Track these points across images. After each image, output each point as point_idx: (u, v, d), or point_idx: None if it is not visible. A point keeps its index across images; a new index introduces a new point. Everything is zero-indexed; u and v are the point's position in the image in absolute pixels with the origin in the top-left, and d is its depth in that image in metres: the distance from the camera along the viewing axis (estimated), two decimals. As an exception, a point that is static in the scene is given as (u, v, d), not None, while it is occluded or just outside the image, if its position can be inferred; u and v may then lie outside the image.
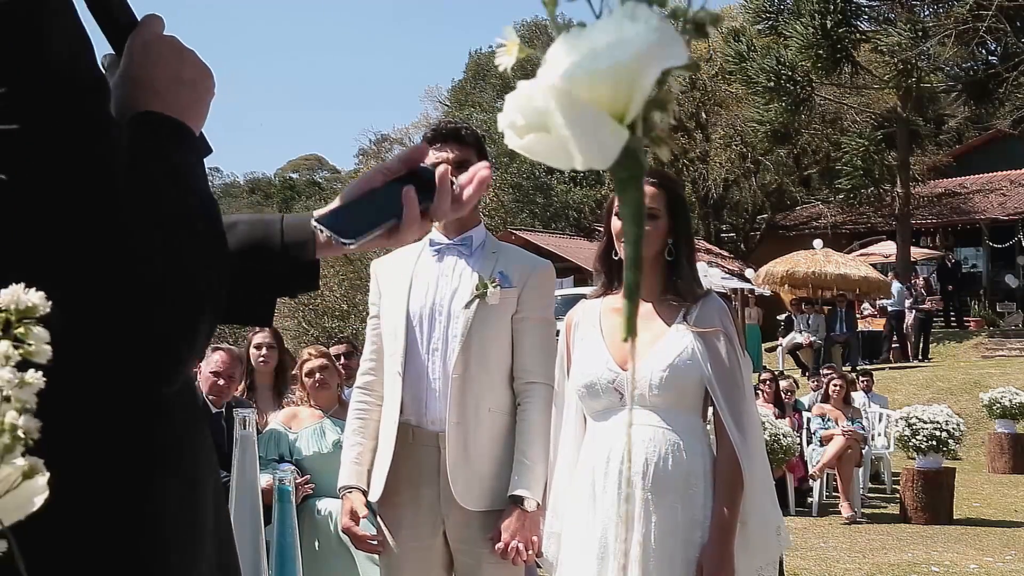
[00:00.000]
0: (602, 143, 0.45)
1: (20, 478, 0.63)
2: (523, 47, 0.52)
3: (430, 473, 2.70)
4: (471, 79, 41.32)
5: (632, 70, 0.44)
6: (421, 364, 2.72)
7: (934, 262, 23.77)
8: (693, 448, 2.42)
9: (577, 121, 0.45)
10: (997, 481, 11.12)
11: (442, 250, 2.79)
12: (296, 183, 63.60)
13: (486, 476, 2.67)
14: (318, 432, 4.58)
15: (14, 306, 0.63)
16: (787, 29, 21.98)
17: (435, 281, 2.75)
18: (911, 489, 8.76)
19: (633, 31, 0.45)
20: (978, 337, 20.32)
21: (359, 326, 28.50)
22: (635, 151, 0.46)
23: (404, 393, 2.72)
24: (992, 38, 21.27)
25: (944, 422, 8.64)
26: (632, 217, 0.48)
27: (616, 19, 0.46)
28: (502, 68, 0.54)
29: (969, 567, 6.68)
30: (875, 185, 23.59)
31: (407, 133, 36.91)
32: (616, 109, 0.45)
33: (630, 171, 0.47)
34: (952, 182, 26.69)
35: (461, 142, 2.73)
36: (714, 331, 2.44)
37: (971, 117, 26.51)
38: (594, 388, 2.47)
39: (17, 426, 0.58)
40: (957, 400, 13.62)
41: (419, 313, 2.73)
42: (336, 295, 32.25)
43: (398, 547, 2.74)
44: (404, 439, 2.71)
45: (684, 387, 2.43)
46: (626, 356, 2.43)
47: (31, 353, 0.64)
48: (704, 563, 2.35)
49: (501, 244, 2.88)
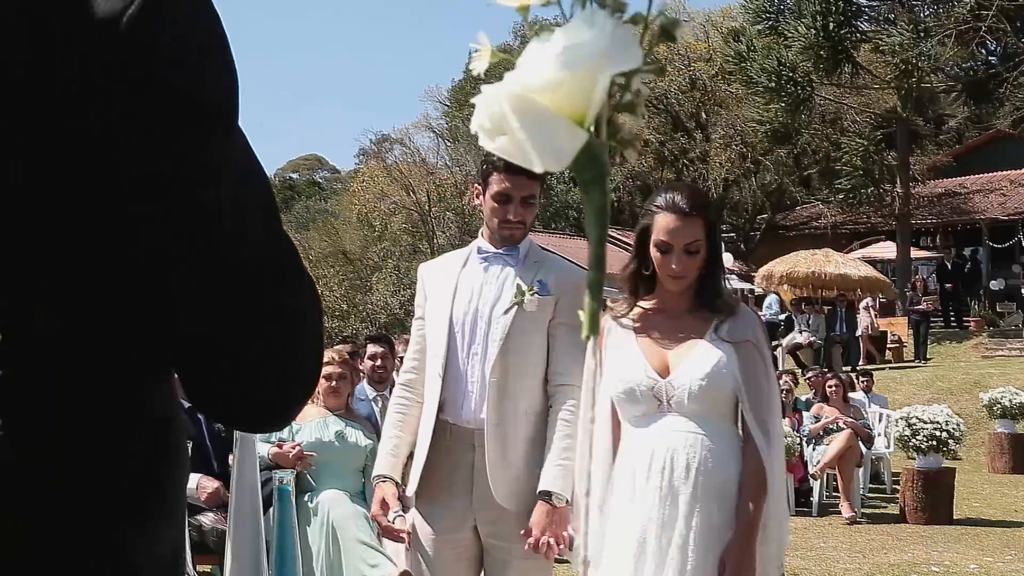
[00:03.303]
0: (557, 146, 0.46)
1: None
2: (496, 52, 0.53)
3: (465, 470, 2.81)
4: (471, 79, 41.30)
5: (586, 74, 0.45)
6: (461, 367, 2.85)
7: (934, 262, 23.77)
8: (727, 454, 2.52)
9: (531, 124, 0.46)
10: (997, 481, 11.13)
11: (489, 258, 2.92)
12: (296, 183, 63.61)
13: (522, 476, 2.78)
14: (321, 424, 4.69)
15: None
16: (788, 29, 21.98)
17: (479, 288, 2.88)
18: (911, 489, 8.77)
19: (587, 36, 0.46)
20: (978, 337, 20.32)
21: (359, 326, 28.48)
22: (597, 153, 0.47)
23: (444, 394, 2.84)
24: (992, 38, 21.29)
25: (944, 422, 8.64)
26: (595, 218, 0.48)
27: (575, 24, 0.47)
28: (476, 72, 0.55)
29: (969, 567, 6.68)
30: (875, 185, 23.61)
31: (407, 133, 36.92)
32: (574, 112, 0.46)
33: (593, 173, 0.47)
34: (952, 182, 26.69)
35: (531, 176, 2.83)
36: (746, 343, 2.54)
37: (971, 117, 26.53)
38: (633, 394, 2.56)
39: None
40: (957, 400, 13.63)
41: (461, 319, 2.87)
42: (336, 295, 32.25)
43: (432, 540, 2.85)
44: (441, 436, 2.83)
45: (719, 396, 2.52)
46: (664, 363, 2.54)
47: None
48: (728, 562, 2.44)
49: (545, 254, 2.99)
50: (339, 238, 34.94)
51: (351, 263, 33.96)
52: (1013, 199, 25.00)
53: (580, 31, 0.46)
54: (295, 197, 56.88)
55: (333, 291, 32.29)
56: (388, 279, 32.31)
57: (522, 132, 0.46)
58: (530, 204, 2.89)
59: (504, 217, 2.87)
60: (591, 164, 0.47)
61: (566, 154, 0.46)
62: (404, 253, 33.06)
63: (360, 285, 32.82)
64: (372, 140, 39.18)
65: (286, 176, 65.65)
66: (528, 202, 2.88)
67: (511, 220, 2.87)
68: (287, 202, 56.42)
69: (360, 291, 32.58)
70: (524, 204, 2.87)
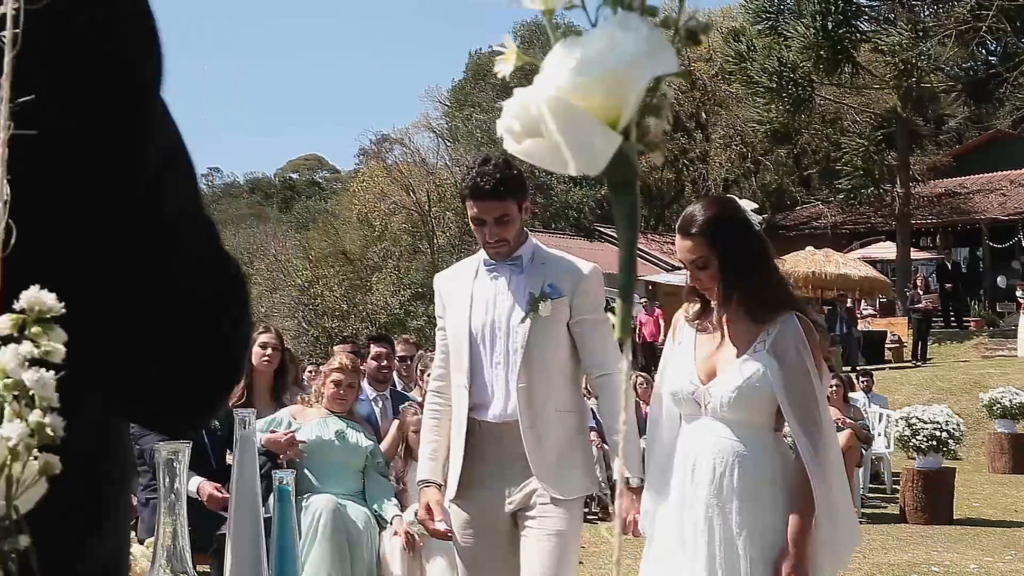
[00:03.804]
0: (594, 149, 0.46)
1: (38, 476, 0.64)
2: (521, 54, 0.53)
3: (494, 461, 2.99)
4: (471, 79, 41.30)
5: (623, 78, 0.46)
6: (486, 376, 3.00)
7: (934, 262, 23.78)
8: (759, 458, 2.64)
9: (569, 127, 0.46)
10: (997, 481, 11.13)
11: (496, 269, 3.04)
12: (296, 183, 63.59)
13: (560, 469, 2.94)
14: (321, 424, 4.67)
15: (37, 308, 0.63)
16: (788, 29, 21.99)
17: (492, 299, 3.01)
18: (911, 489, 8.77)
19: (624, 40, 0.46)
20: (978, 337, 20.33)
21: (359, 326, 28.47)
22: (628, 156, 0.47)
23: (471, 401, 3.01)
24: (992, 38, 21.29)
25: (944, 422, 8.64)
26: (626, 221, 0.49)
27: (608, 28, 0.47)
28: (501, 75, 0.55)
29: (969, 567, 6.68)
30: (875, 185, 23.61)
31: (407, 133, 36.89)
32: (609, 116, 0.46)
33: (623, 176, 0.48)
34: (952, 182, 26.69)
35: (499, 198, 2.94)
36: (788, 354, 2.63)
37: (971, 117, 26.51)
38: (677, 397, 2.74)
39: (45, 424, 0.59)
40: (957, 400, 13.63)
41: (480, 331, 3.00)
42: (336, 295, 32.25)
43: (471, 531, 3.04)
44: (470, 434, 3.00)
45: (753, 405, 2.64)
46: (709, 371, 2.70)
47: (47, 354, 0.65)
48: (782, 566, 2.57)
49: (549, 254, 3.08)
50: (339, 238, 34.92)
51: (351, 263, 33.94)
52: (1013, 199, 25.00)
53: (615, 34, 0.47)
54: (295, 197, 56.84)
55: (333, 291, 32.29)
56: (388, 279, 32.31)
57: (560, 135, 0.46)
58: (504, 223, 2.96)
59: (484, 239, 3.00)
60: (622, 167, 0.47)
61: (602, 157, 0.46)
62: (404, 253, 33.06)
63: (360, 285, 32.81)
64: (372, 140, 39.17)
65: (286, 176, 65.64)
66: (502, 221, 2.96)
67: (490, 241, 2.98)
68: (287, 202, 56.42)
69: (360, 291, 32.57)
70: (499, 224, 2.96)
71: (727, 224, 2.68)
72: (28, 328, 0.65)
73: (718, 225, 2.67)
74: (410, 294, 32.09)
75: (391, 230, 33.24)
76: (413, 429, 5.20)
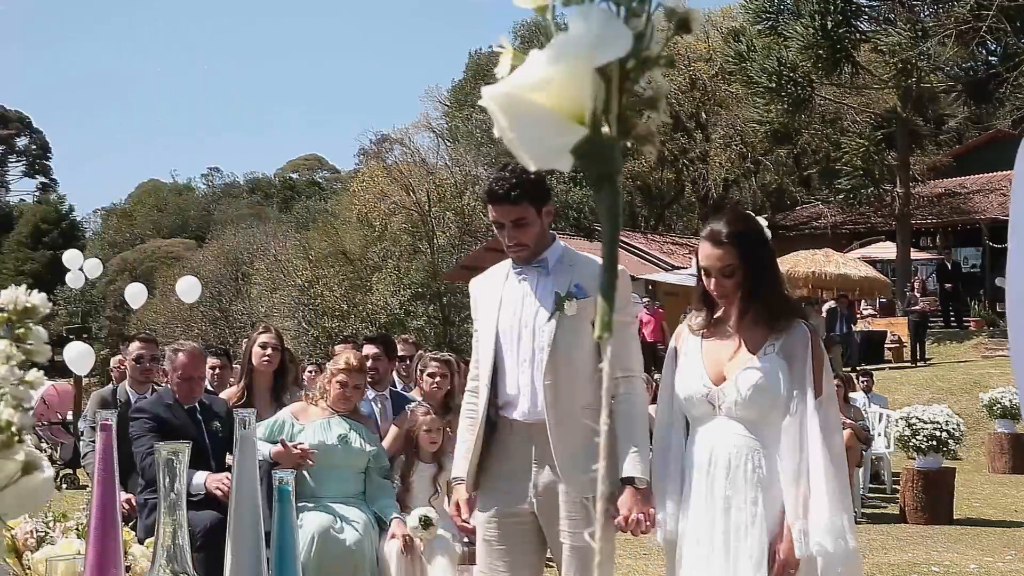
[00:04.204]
0: (547, 144, 0.45)
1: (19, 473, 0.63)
2: (518, 54, 0.52)
3: (523, 460, 3.09)
4: (471, 79, 41.26)
5: (575, 67, 0.45)
6: (513, 374, 3.10)
7: (934, 262, 23.76)
8: (771, 452, 2.81)
9: (519, 123, 0.45)
10: (997, 481, 11.12)
11: (523, 272, 3.14)
12: (296, 183, 63.53)
13: (586, 465, 2.98)
14: (324, 425, 4.60)
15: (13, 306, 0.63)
16: (787, 29, 21.96)
17: (520, 301, 3.11)
18: (911, 489, 8.76)
19: (578, 29, 0.45)
20: (978, 337, 20.32)
21: (359, 326, 28.46)
22: (606, 150, 0.45)
23: (501, 398, 3.11)
24: (992, 38, 21.26)
25: (944, 422, 8.63)
26: (607, 217, 0.47)
27: (571, 20, 0.46)
28: (500, 75, 0.54)
29: (969, 567, 6.68)
30: (875, 185, 23.58)
31: (407, 133, 36.87)
32: (571, 108, 0.45)
33: (600, 170, 0.46)
34: (952, 182, 26.67)
35: (513, 202, 3.05)
36: (795, 358, 2.83)
37: (971, 117, 26.50)
38: (691, 400, 2.91)
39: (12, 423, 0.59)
40: (957, 400, 13.63)
41: (508, 331, 3.11)
42: (336, 295, 32.22)
43: (494, 520, 3.13)
44: (502, 431, 3.11)
45: (764, 404, 2.82)
46: (719, 374, 2.88)
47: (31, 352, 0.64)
48: (778, 549, 2.76)
49: (577, 256, 3.18)
50: (339, 238, 34.89)
51: (351, 263, 33.91)
52: (1013, 199, 24.92)
53: (574, 25, 0.46)
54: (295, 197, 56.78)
55: (333, 291, 32.27)
56: (388, 279, 32.28)
57: (512, 131, 0.45)
58: (521, 226, 3.06)
59: (505, 243, 3.12)
60: (597, 161, 0.45)
61: (557, 151, 0.45)
62: (404, 253, 33.03)
63: (360, 285, 32.79)
64: (372, 140, 39.15)
65: (286, 176, 65.58)
66: (519, 225, 3.06)
67: (509, 244, 3.10)
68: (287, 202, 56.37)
69: (360, 291, 32.55)
70: (516, 227, 3.06)
71: (754, 236, 2.90)
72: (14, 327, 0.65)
73: (747, 236, 2.86)
74: (410, 294, 32.07)
75: (391, 230, 33.21)
76: (425, 428, 5.14)
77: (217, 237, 42.66)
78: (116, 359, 9.42)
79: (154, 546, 1.43)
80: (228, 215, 53.27)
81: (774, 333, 2.86)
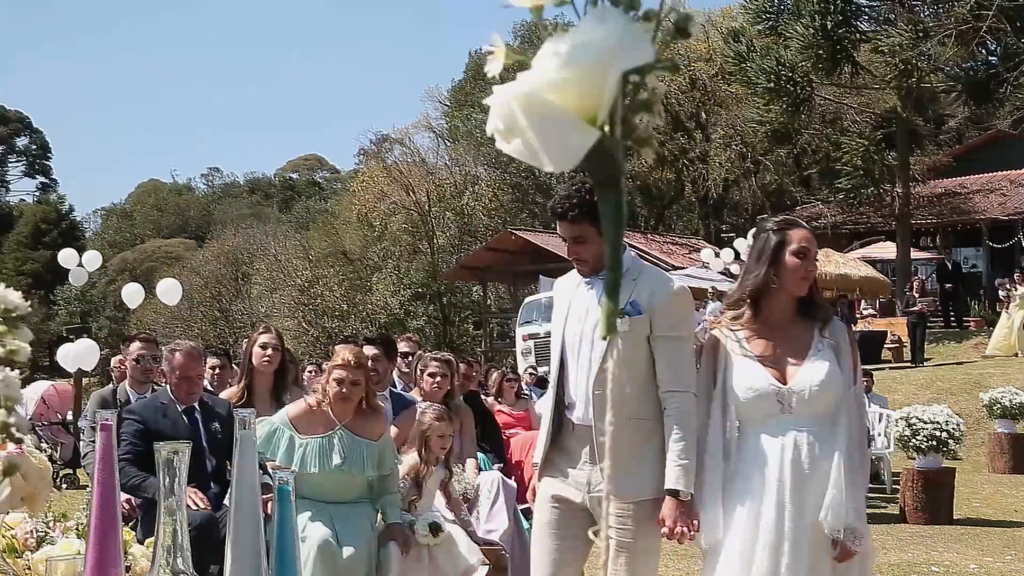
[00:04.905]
0: (566, 145, 0.45)
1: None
2: (511, 52, 0.52)
3: (580, 460, 3.29)
4: (471, 79, 41.25)
5: (595, 71, 0.44)
6: (574, 380, 3.30)
7: (934, 262, 23.75)
8: (832, 445, 2.97)
9: (541, 124, 0.45)
10: (997, 481, 11.12)
11: (591, 281, 3.31)
12: (296, 183, 63.56)
13: (632, 471, 3.16)
14: (325, 446, 4.40)
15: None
16: (787, 29, 21.96)
17: (584, 311, 3.30)
18: (911, 489, 8.76)
19: (598, 33, 0.45)
20: (978, 337, 20.30)
21: (359, 326, 28.44)
22: (611, 153, 0.45)
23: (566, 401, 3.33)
24: (992, 38, 21.26)
25: (944, 422, 8.62)
26: (611, 219, 0.47)
27: (587, 22, 0.46)
28: (491, 74, 0.54)
29: (969, 567, 6.68)
30: (875, 185, 23.58)
31: (407, 133, 36.87)
32: (586, 110, 0.45)
33: (606, 173, 0.46)
34: (952, 182, 26.67)
35: (572, 220, 3.24)
36: (842, 349, 3.04)
37: (971, 117, 26.50)
38: (759, 398, 3.02)
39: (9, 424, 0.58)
40: (957, 400, 13.61)
41: (571, 339, 3.32)
42: (336, 295, 32.23)
43: (550, 510, 3.34)
44: (566, 431, 3.32)
45: (828, 398, 2.99)
46: (782, 372, 3.02)
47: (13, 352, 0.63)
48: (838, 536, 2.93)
49: (644, 267, 3.36)
50: (339, 238, 34.91)
51: (351, 263, 33.93)
52: (1013, 199, 24.97)
53: (591, 28, 0.45)
54: (295, 197, 56.83)
55: (333, 291, 32.28)
56: (388, 279, 32.29)
57: (531, 131, 0.45)
58: (580, 243, 3.25)
59: (569, 257, 3.33)
60: (605, 164, 0.45)
61: (576, 153, 0.45)
62: (404, 253, 33.04)
63: (360, 285, 32.79)
64: (372, 140, 39.17)
65: (286, 176, 65.60)
66: (578, 241, 3.26)
67: (569, 259, 3.33)
68: (287, 202, 56.39)
69: (360, 291, 32.56)
70: (576, 243, 3.26)
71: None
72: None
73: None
74: (410, 294, 32.08)
75: (391, 230, 33.22)
76: (439, 435, 4.93)
77: (217, 237, 42.66)
78: (116, 359, 9.41)
79: (154, 546, 1.43)
80: (228, 215, 53.28)
81: (816, 324, 3.04)
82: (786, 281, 3.03)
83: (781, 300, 3.06)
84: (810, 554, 2.94)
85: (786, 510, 2.94)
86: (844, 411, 3.00)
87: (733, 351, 3.09)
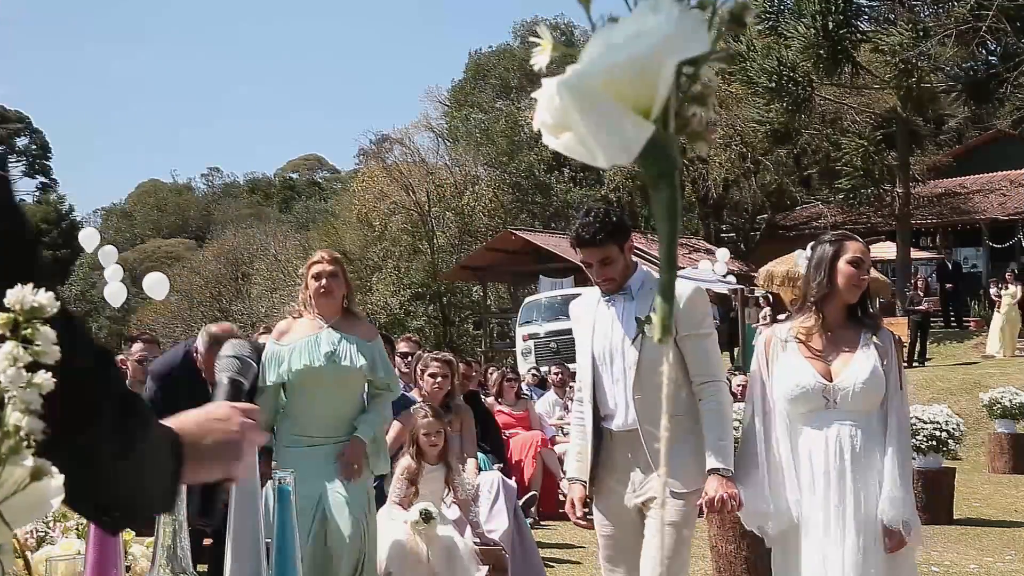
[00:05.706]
0: (623, 138, 0.43)
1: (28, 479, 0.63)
2: (558, 44, 0.50)
3: (624, 464, 3.52)
4: (471, 79, 41.26)
5: (651, 62, 0.43)
6: (608, 391, 3.53)
7: (934, 262, 23.75)
8: (878, 440, 3.22)
9: (595, 116, 0.44)
10: (997, 481, 11.12)
11: (611, 299, 3.55)
12: (296, 183, 63.54)
13: (676, 465, 3.39)
14: (312, 343, 4.31)
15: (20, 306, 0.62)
16: (788, 29, 21.94)
17: (610, 325, 3.53)
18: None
19: (652, 23, 0.44)
20: (978, 337, 20.31)
21: (359, 326, 28.41)
22: (666, 147, 0.44)
23: (600, 412, 3.56)
24: (992, 38, 21.23)
25: (944, 422, 8.62)
26: (666, 215, 0.47)
27: (639, 12, 0.45)
28: (538, 67, 0.52)
29: (969, 567, 6.68)
30: (875, 185, 23.55)
31: (407, 133, 36.85)
32: (640, 103, 0.44)
33: (661, 168, 0.45)
34: (952, 182, 26.66)
35: (598, 245, 3.46)
36: (888, 353, 3.28)
37: (971, 117, 26.48)
38: (806, 395, 3.25)
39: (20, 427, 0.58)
40: (957, 400, 13.62)
41: (601, 353, 3.54)
42: (336, 295, 32.17)
43: (608, 527, 3.58)
44: (605, 440, 3.55)
45: (872, 396, 3.23)
46: (828, 369, 3.27)
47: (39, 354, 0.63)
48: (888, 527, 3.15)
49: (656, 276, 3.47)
50: (339, 238, 34.89)
51: (351, 263, 33.87)
52: (1013, 199, 24.98)
53: (643, 17, 0.44)
54: (295, 197, 56.79)
55: (333, 291, 32.22)
56: (388, 279, 32.28)
57: (584, 126, 0.44)
58: (607, 264, 3.47)
59: (594, 278, 3.53)
60: (659, 158, 0.44)
61: (632, 147, 0.44)
62: (404, 253, 33.02)
63: (360, 285, 32.76)
64: (372, 140, 39.16)
65: (286, 176, 65.57)
66: (605, 263, 3.47)
67: (598, 281, 3.52)
68: (287, 202, 56.35)
69: (360, 291, 32.52)
70: (603, 265, 3.48)
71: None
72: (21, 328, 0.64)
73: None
74: (410, 294, 32.07)
75: (391, 230, 33.21)
76: (424, 432, 5.12)
77: (217, 237, 42.66)
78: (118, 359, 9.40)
79: (154, 546, 1.43)
80: (228, 215, 53.26)
81: (863, 330, 3.30)
82: (839, 287, 3.28)
83: (835, 305, 3.31)
84: (870, 544, 3.13)
85: (844, 500, 3.16)
86: (894, 410, 3.23)
87: (782, 349, 3.34)
